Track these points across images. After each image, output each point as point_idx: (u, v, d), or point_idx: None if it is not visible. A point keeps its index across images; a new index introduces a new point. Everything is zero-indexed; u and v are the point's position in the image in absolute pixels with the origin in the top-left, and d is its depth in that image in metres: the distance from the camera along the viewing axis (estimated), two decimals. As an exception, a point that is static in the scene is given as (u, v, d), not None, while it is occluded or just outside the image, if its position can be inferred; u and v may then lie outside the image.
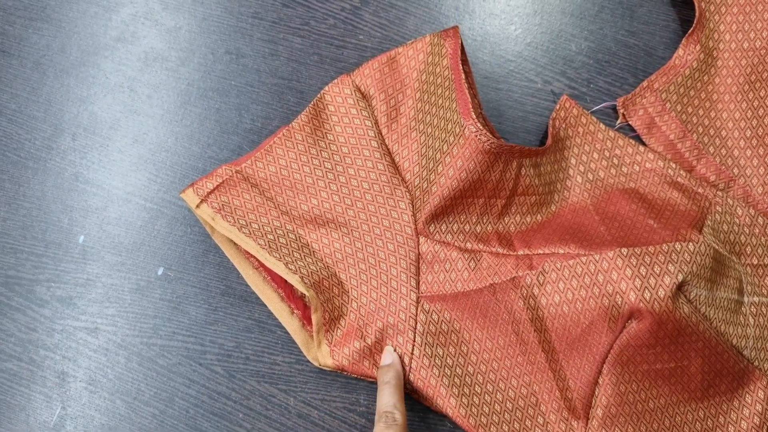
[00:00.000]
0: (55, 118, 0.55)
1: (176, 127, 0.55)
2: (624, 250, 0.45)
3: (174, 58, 0.56)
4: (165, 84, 0.56)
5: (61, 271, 0.52)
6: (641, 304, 0.44)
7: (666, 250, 0.45)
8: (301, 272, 0.48)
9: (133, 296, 0.52)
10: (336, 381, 0.50)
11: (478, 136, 0.46)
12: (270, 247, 0.49)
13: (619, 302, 0.45)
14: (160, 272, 0.52)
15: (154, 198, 0.54)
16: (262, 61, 0.56)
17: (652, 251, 0.45)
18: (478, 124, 0.46)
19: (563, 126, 0.53)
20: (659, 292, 0.44)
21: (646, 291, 0.44)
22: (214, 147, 0.54)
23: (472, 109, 0.47)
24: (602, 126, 0.53)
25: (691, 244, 0.46)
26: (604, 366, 0.46)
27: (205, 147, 0.54)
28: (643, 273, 0.44)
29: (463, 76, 0.48)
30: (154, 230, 0.53)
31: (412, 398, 0.50)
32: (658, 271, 0.44)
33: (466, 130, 0.47)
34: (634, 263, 0.45)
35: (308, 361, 0.50)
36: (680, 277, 0.44)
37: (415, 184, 0.50)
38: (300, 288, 0.48)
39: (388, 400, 0.45)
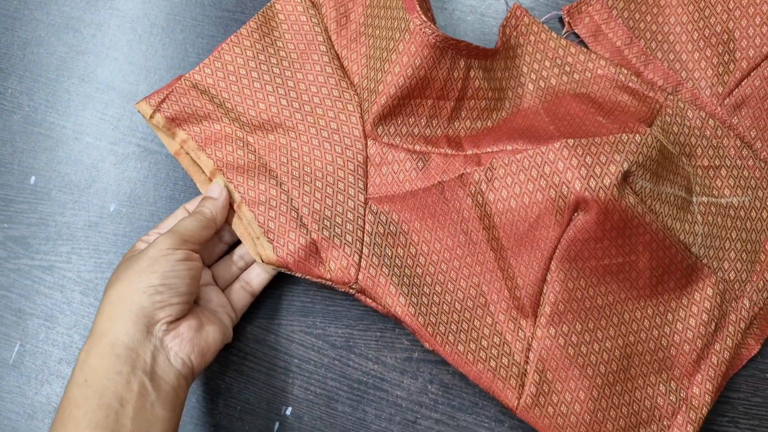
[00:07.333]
0: (1, 61, 0.54)
1: (122, 64, 0.54)
2: (570, 141, 0.45)
3: (117, -4, 0.55)
4: (109, 22, 0.55)
5: (14, 212, 0.52)
6: (586, 192, 0.43)
7: (612, 141, 0.45)
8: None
9: (86, 233, 0.52)
10: (292, 305, 0.50)
11: (423, 29, 0.45)
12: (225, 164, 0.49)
13: (565, 192, 0.44)
14: (112, 208, 0.52)
15: (103, 136, 0.53)
16: (207, -7, 0.55)
17: (598, 142, 0.45)
18: (423, 17, 0.45)
19: (514, 34, 0.52)
20: (604, 181, 0.43)
21: (592, 180, 0.44)
22: (162, 83, 0.54)
23: (417, 4, 0.46)
24: (554, 34, 0.53)
25: (637, 135, 0.45)
26: (552, 262, 0.46)
27: (152, 84, 0.54)
28: (589, 162, 0.44)
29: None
30: (104, 167, 0.53)
31: (367, 319, 0.49)
32: (603, 161, 0.44)
33: (411, 24, 0.46)
34: (580, 153, 0.44)
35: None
36: (625, 166, 0.44)
37: (363, 85, 0.49)
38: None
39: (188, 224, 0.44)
